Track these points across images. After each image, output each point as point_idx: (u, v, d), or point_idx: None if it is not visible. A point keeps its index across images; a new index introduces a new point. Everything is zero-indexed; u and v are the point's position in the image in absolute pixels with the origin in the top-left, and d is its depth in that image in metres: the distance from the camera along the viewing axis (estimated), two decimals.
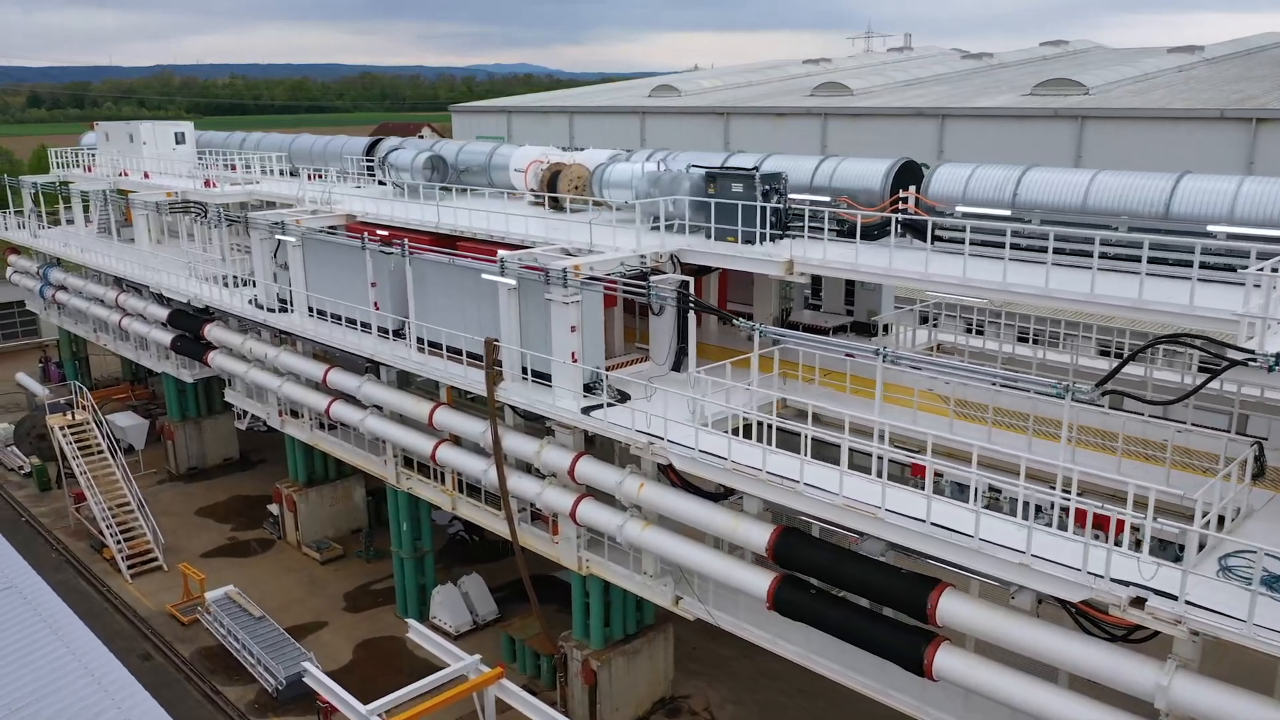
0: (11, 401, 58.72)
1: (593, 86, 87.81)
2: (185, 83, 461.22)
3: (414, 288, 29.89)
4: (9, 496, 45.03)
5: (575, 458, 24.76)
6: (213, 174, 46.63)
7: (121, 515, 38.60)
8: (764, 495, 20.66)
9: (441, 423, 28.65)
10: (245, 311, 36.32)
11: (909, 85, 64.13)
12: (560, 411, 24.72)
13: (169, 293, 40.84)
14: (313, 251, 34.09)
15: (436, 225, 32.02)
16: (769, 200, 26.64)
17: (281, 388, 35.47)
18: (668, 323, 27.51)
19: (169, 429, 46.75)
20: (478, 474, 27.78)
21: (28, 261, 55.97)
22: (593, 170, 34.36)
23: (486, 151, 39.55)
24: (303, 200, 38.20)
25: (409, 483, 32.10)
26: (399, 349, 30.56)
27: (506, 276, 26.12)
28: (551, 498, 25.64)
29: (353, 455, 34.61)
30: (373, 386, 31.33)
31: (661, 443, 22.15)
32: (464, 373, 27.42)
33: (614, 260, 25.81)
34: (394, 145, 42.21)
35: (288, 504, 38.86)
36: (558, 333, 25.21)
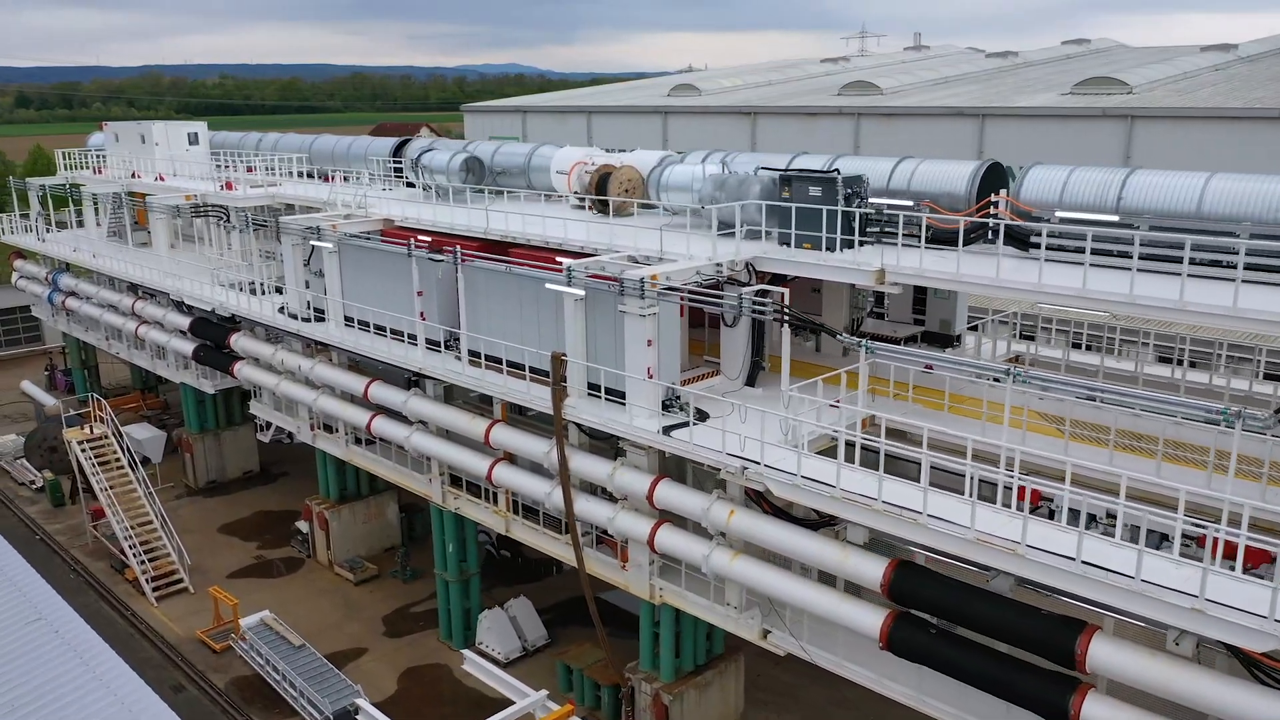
0: (18, 411, 56.75)
1: (605, 86, 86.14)
2: (175, 83, 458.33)
3: (465, 297, 28.21)
4: (21, 513, 43.15)
5: (654, 482, 23.12)
6: (231, 176, 44.81)
7: (144, 534, 36.79)
8: (877, 526, 19.05)
9: (499, 441, 26.97)
10: (276, 321, 34.56)
11: (938, 84, 62.68)
12: (638, 432, 23.06)
13: (191, 300, 39.03)
14: (350, 258, 32.37)
15: (485, 230, 30.32)
16: (851, 204, 25.09)
17: (317, 401, 33.72)
18: (741, 335, 25.94)
19: (187, 441, 44.93)
20: (540, 496, 26.11)
21: (35, 266, 54.05)
22: (648, 172, 32.84)
23: (525, 153, 37.88)
24: (334, 204, 36.46)
25: (456, 502, 30.40)
26: (448, 362, 28.87)
27: (574, 286, 24.47)
28: (625, 524, 23.99)
29: (393, 473, 32.88)
30: (421, 401, 29.62)
31: (757, 468, 20.52)
32: (526, 388, 25.72)
33: (690, 269, 24.19)
34: (425, 146, 40.47)
35: (319, 522, 37.11)
36: (632, 347, 23.58)
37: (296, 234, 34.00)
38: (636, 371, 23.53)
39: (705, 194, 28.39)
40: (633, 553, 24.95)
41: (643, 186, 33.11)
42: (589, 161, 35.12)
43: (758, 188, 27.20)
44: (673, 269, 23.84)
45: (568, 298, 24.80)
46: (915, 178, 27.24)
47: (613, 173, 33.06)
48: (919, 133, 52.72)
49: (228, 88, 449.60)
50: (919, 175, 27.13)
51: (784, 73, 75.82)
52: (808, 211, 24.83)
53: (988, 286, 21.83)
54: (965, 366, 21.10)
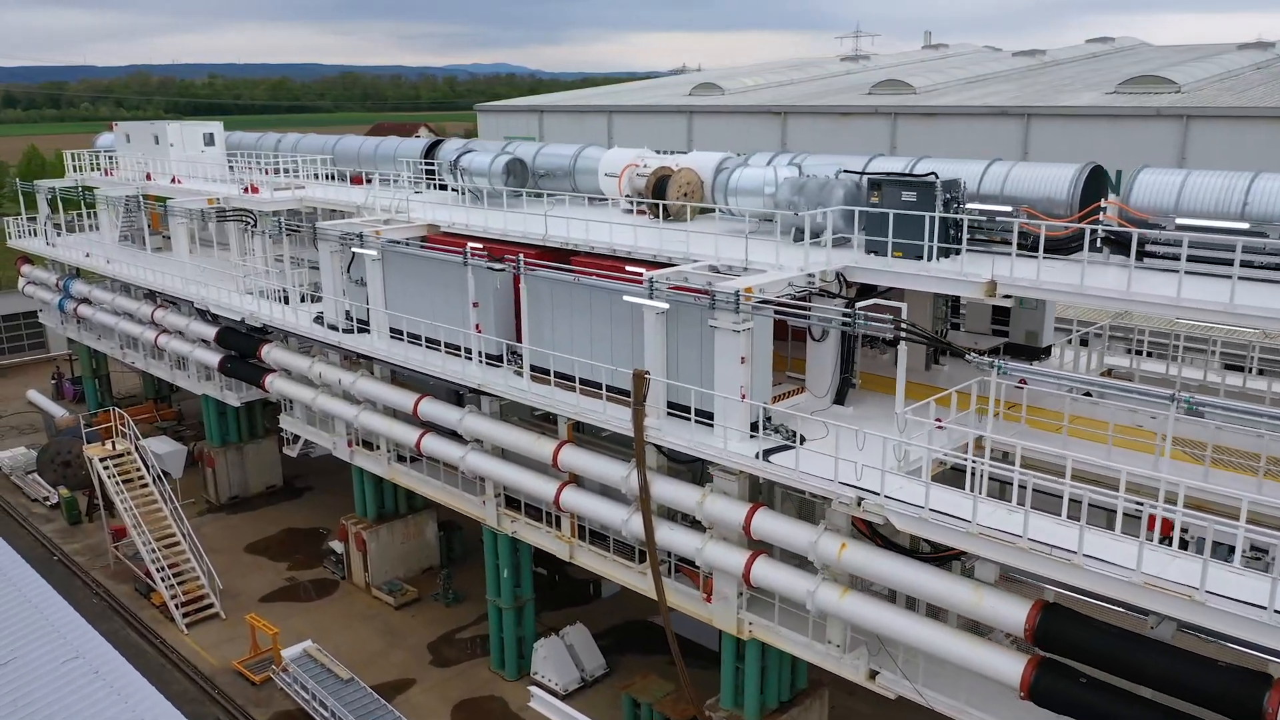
0: (25, 422, 54.78)
1: (621, 85, 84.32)
2: (163, 82, 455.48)
3: (529, 309, 26.47)
4: (37, 531, 41.20)
5: (751, 511, 21.42)
6: (255, 178, 42.95)
7: (170, 556, 34.92)
8: (1020, 565, 17.39)
9: (570, 464, 25.23)
10: (314, 333, 32.74)
11: (971, 83, 61.12)
12: (733, 457, 21.36)
13: (218, 309, 37.19)
14: (396, 266, 30.62)
15: (544, 238, 28.56)
16: (949, 210, 23.46)
17: (359, 418, 31.92)
18: (829, 350, 24.30)
19: (209, 456, 43.03)
20: (614, 523, 24.37)
21: (44, 272, 52.04)
22: (709, 175, 31.21)
23: (570, 154, 36.12)
24: (373, 208, 34.66)
25: (514, 526, 28.64)
26: (508, 378, 27.12)
27: (656, 299, 22.78)
28: (715, 555, 22.27)
29: (441, 493, 31.11)
30: (478, 420, 27.86)
31: (875, 499, 18.85)
32: (601, 408, 23.99)
33: (781, 280, 22.50)
34: (463, 148, 38.63)
35: (356, 543, 35.30)
36: (724, 364, 21.90)
37: (335, 240, 32.23)
38: (728, 390, 21.85)
39: (782, 198, 26.72)
40: (719, 584, 23.23)
41: (702, 190, 31.53)
42: (641, 163, 33.42)
43: (841, 192, 25.55)
44: (765, 280, 22.15)
45: (648, 311, 23.11)
46: (1010, 181, 25.58)
47: (671, 175, 31.42)
48: (959, 132, 51.14)
49: (217, 87, 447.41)
50: (1015, 179, 25.48)
51: (805, 71, 74.15)
52: (903, 218, 23.18)
53: (1117, 300, 20.19)
54: (1131, 394, 19.35)
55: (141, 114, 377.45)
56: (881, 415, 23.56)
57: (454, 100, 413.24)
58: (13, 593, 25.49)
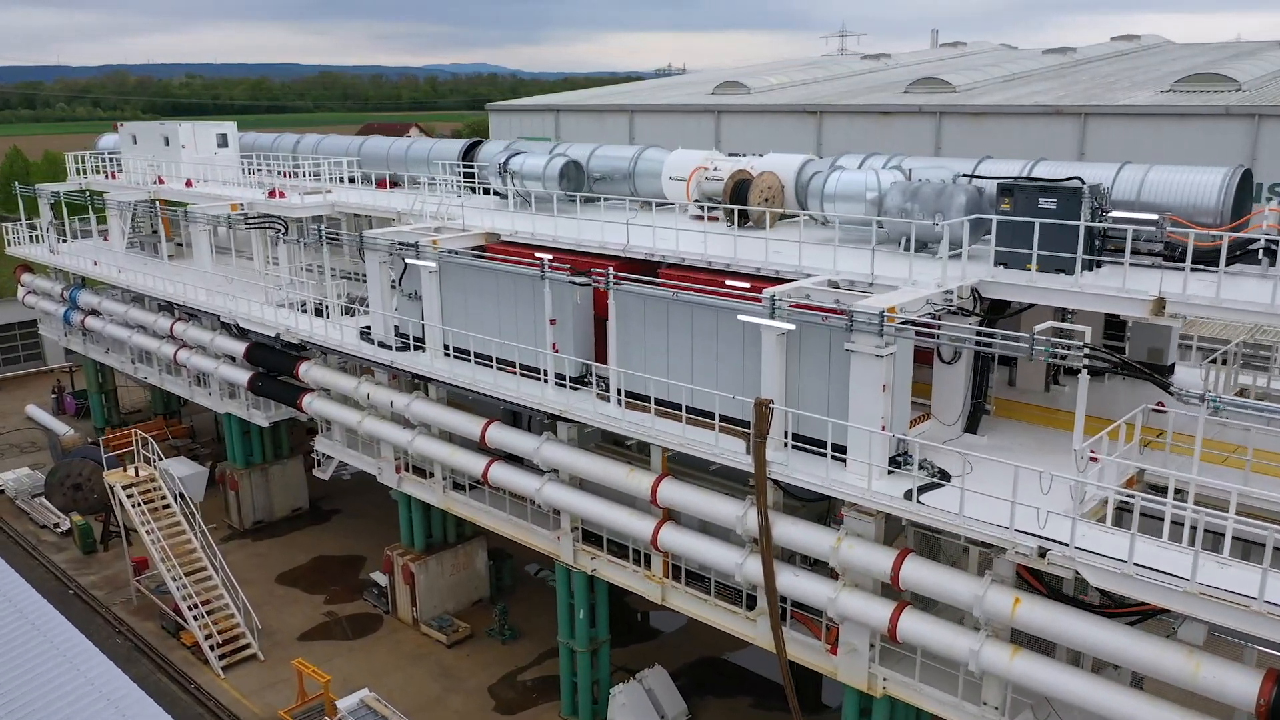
0: (25, 439, 51.78)
1: (638, 84, 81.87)
2: (141, 82, 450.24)
3: (618, 328, 24.04)
4: (48, 561, 38.37)
5: (899, 558, 19.06)
6: (278, 182, 40.34)
7: (203, 591, 32.26)
8: (1253, 630, 15.10)
9: (671, 500, 22.80)
10: (363, 351, 30.15)
11: (1009, 82, 59.05)
12: (876, 496, 19.02)
13: (248, 324, 34.52)
14: (455, 279, 28.11)
15: (625, 248, 26.13)
16: (1096, 219, 21.21)
17: (414, 443, 29.37)
18: (960, 373, 22.00)
19: (232, 478, 40.31)
20: (726, 567, 21.95)
21: (47, 282, 49.10)
22: (792, 178, 28.92)
23: (629, 156, 33.77)
24: (421, 214, 32.16)
25: (594, 563, 26.19)
26: (594, 404, 24.66)
27: (779, 319, 20.41)
28: (853, 606, 19.90)
29: (507, 525, 28.59)
30: (559, 449, 25.38)
31: (1063, 549, 16.54)
32: (713, 440, 21.57)
33: (919, 298, 20.18)
34: (505, 149, 36.10)
35: (404, 575, 32.71)
36: (862, 392, 19.57)
37: (384, 250, 29.71)
38: (865, 421, 19.52)
39: (891, 205, 24.45)
40: (846, 635, 20.87)
41: (783, 194, 29.25)
42: (711, 166, 31.11)
43: (963, 198, 23.29)
44: (906, 299, 19.82)
45: (768, 333, 20.73)
46: (1147, 187, 23.42)
47: (750, 179, 29.10)
48: (1009, 132, 49.01)
49: (195, 87, 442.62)
50: (1152, 184, 23.31)
51: (828, 70, 72.02)
52: (1043, 228, 20.87)
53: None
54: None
55: (120, 114, 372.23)
56: (1022, 446, 21.38)
57: (436, 100, 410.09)
58: (34, 634, 23.04)
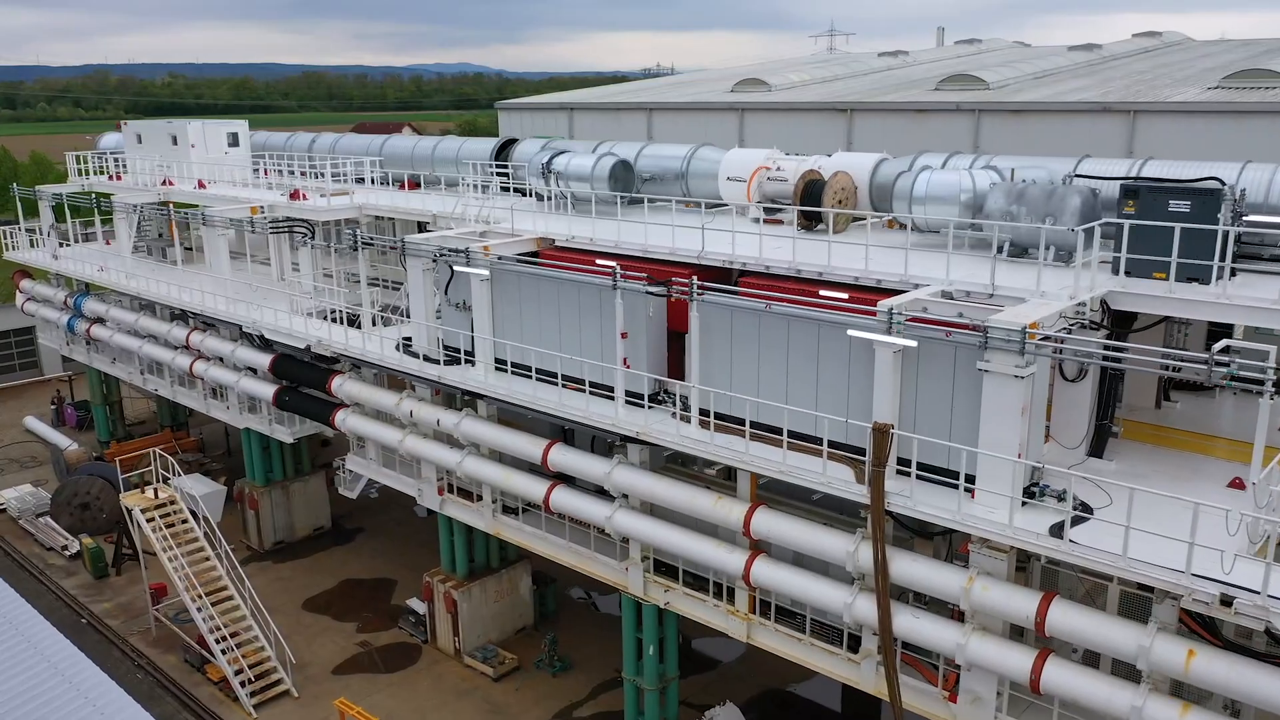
0: (25, 453, 49.35)
1: (652, 81, 79.81)
2: (122, 82, 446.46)
3: (701, 342, 22.04)
4: (57, 586, 36.06)
5: (1044, 602, 17.13)
6: (300, 183, 38.16)
7: (230, 622, 30.08)
8: None
9: (769, 532, 20.81)
10: (406, 365, 28.02)
11: (1041, 79, 57.34)
12: (1019, 533, 17.08)
13: (274, 334, 32.36)
14: (510, 288, 26.05)
15: (700, 255, 24.13)
16: (1235, 223, 19.38)
17: (463, 464, 27.29)
18: (1085, 391, 20.09)
19: (251, 497, 38.10)
20: (834, 607, 19.99)
21: (48, 288, 46.70)
22: (867, 179, 27.06)
23: (681, 156, 31.80)
24: (464, 217, 30.09)
25: (667, 597, 24.17)
26: (672, 424, 22.64)
27: (897, 334, 18.47)
28: (986, 653, 17.95)
29: (565, 553, 26.55)
30: (635, 474, 23.35)
31: (1253, 598, 14.64)
32: (820, 468, 19.59)
33: (1054, 311, 18.29)
34: (543, 148, 34.03)
35: (446, 603, 30.61)
36: (997, 416, 17.67)
37: (428, 256, 27.63)
38: (1000, 447, 17.60)
39: (994, 208, 22.54)
40: (970, 682, 18.94)
41: (855, 196, 27.38)
42: (774, 166, 29.19)
43: (1077, 201, 21.40)
44: (1041, 313, 17.92)
45: (883, 349, 18.78)
46: (1277, 188, 21.59)
47: (819, 179, 27.18)
48: (1055, 130, 47.23)
49: (177, 87, 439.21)
50: None
51: (848, 67, 70.20)
52: (1166, 232, 18.98)
53: None
54: None
55: (101, 114, 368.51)
56: (1158, 472, 19.48)
57: (421, 100, 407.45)
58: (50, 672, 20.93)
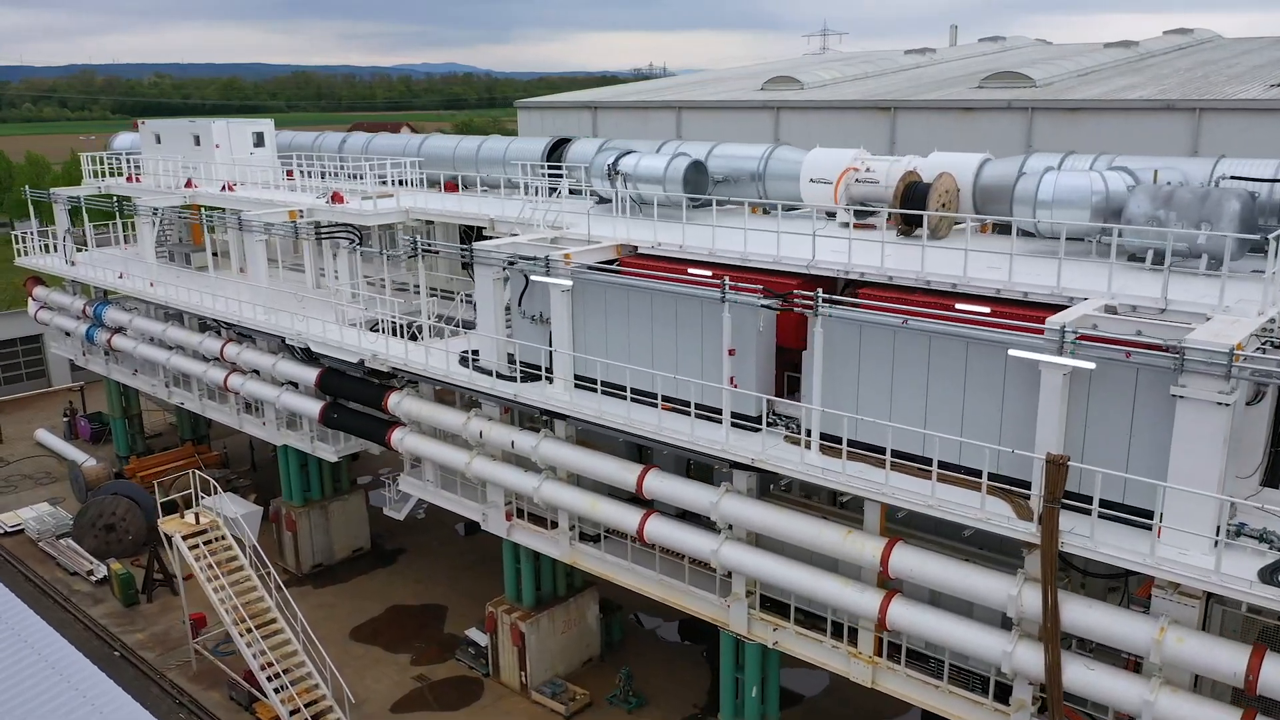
0: (38, 469, 47.07)
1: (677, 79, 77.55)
2: (109, 82, 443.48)
3: (824, 361, 20.11)
4: (85, 616, 33.85)
5: (1255, 656, 15.27)
6: (338, 186, 36.06)
7: (282, 658, 27.98)
8: None
9: (910, 571, 18.87)
10: (476, 382, 25.98)
11: (1085, 77, 55.64)
12: (1228, 580, 15.21)
13: (322, 347, 30.30)
14: (594, 299, 24.09)
15: (809, 264, 22.18)
16: None
17: (540, 489, 25.28)
18: (1262, 417, 18.30)
19: (290, 517, 36.00)
20: (991, 655, 18.08)
21: (64, 296, 44.44)
22: (971, 180, 25.28)
23: (758, 156, 29.93)
24: (533, 223, 28.09)
25: (774, 635, 22.23)
26: (782, 448, 20.72)
27: (1070, 355, 16.59)
28: (1179, 713, 16.06)
29: (654, 586, 24.55)
30: (744, 504, 21.41)
31: None
32: (978, 503, 17.68)
33: (1251, 329, 16.44)
34: (603, 147, 32.05)
35: (512, 635, 28.60)
36: (1191, 447, 15.84)
37: (499, 265, 25.63)
38: (1196, 482, 15.75)
39: (1138, 212, 20.73)
40: None
41: (958, 198, 25.58)
42: (863, 166, 27.35)
43: (1236, 205, 19.61)
44: (1241, 332, 16.06)
45: (1051, 371, 16.89)
46: None
47: (920, 181, 25.36)
48: (1113, 128, 45.54)
49: (164, 87, 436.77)
50: None
51: (877, 65, 68.41)
52: None
53: None
54: None
55: (88, 114, 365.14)
56: None
57: (411, 100, 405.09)
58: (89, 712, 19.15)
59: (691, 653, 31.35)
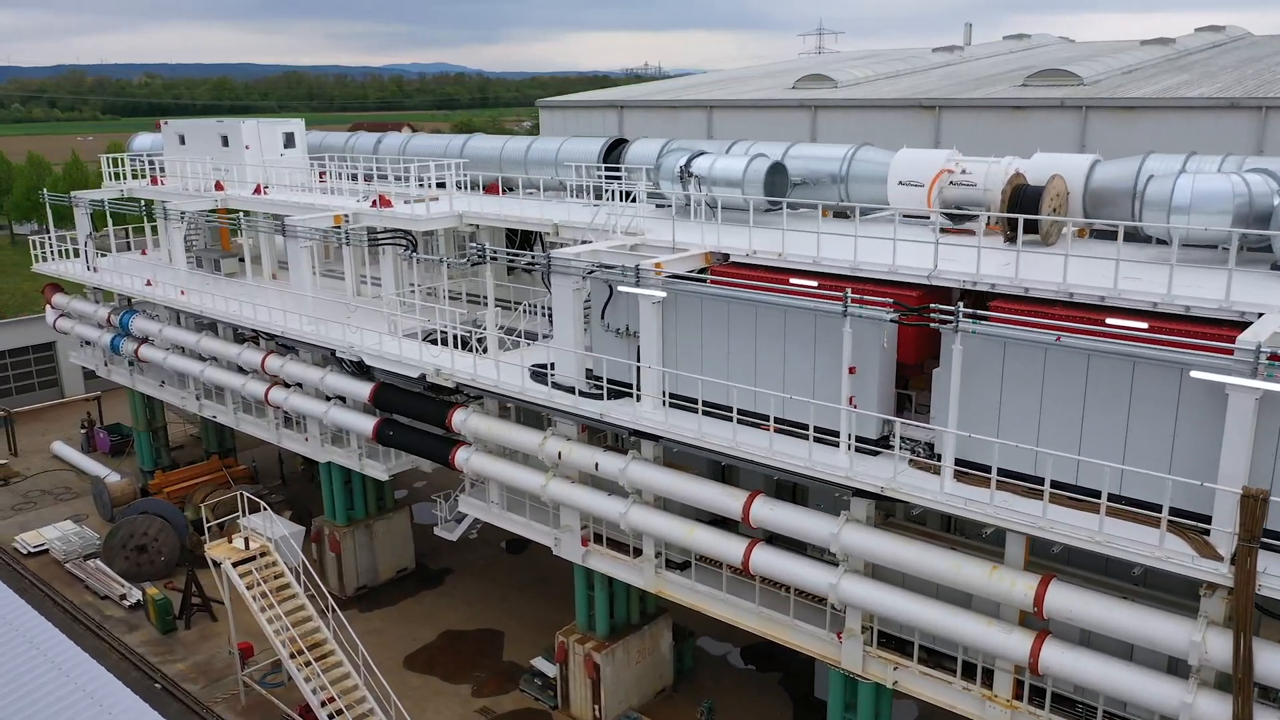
0: (57, 483, 45.19)
1: (704, 77, 75.66)
2: (99, 82, 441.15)
3: (961, 379, 18.49)
4: (120, 644, 32.03)
5: None
6: (385, 189, 34.33)
7: (343, 692, 26.26)
8: None
9: (1070, 611, 17.24)
10: (556, 400, 24.27)
11: (1131, 75, 54.23)
12: None
13: (378, 360, 28.57)
14: (690, 312, 22.44)
15: (931, 275, 20.56)
16: None
17: (628, 515, 23.61)
18: None
19: (333, 538, 34.25)
20: (1168, 706, 16.47)
21: (86, 304, 42.53)
22: (1082, 182, 23.78)
23: (839, 157, 28.26)
24: (609, 229, 26.42)
25: (896, 674, 20.61)
26: (912, 475, 19.10)
27: (1263, 377, 15.00)
28: None
29: (752, 618, 22.88)
30: (865, 534, 19.77)
31: None
32: (1155, 541, 16.08)
33: None
34: (690, 150, 30.27)
35: (586, 667, 26.93)
36: None
37: (578, 274, 23.97)
38: None
39: None
40: None
41: (1068, 202, 24.04)
42: (956, 168, 25.75)
43: None
44: None
45: (1240, 396, 15.30)
46: None
47: (1028, 184, 23.82)
48: (1173, 127, 44.15)
49: (155, 87, 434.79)
50: None
51: (908, 63, 66.91)
52: None
53: None
54: None
55: (78, 115, 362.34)
56: None
57: (403, 100, 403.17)
58: None
59: (765, 680, 29.74)
